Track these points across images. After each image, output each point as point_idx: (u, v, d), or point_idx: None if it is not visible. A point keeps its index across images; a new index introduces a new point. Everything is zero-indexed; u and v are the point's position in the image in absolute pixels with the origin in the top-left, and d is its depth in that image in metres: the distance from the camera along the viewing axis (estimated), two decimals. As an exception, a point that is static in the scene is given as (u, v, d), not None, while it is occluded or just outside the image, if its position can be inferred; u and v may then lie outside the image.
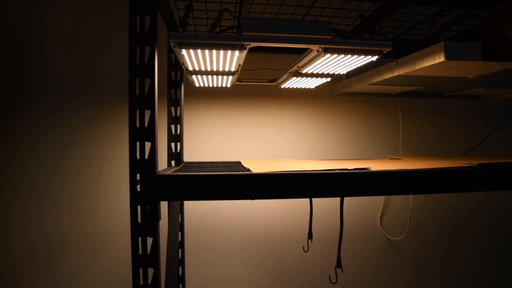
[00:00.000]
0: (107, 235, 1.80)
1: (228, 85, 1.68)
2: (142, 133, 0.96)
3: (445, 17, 1.42)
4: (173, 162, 1.61)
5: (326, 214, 1.97)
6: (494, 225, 2.17)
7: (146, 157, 0.96)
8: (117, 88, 1.82)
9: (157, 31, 0.98)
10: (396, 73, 1.31)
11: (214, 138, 1.90)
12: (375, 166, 1.22)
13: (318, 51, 1.10)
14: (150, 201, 0.96)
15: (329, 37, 1.05)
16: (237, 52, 1.07)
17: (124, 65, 1.79)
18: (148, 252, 0.97)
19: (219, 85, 1.67)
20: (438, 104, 2.11)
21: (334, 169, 1.10)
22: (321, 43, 1.06)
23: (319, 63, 1.23)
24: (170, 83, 1.59)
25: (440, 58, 1.05)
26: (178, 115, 1.62)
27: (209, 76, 1.47)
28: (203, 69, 1.32)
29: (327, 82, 1.65)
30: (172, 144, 1.61)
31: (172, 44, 1.04)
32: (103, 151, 1.81)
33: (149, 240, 0.97)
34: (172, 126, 1.61)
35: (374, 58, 1.15)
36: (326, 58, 1.16)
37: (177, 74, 1.63)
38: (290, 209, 1.95)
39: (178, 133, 1.62)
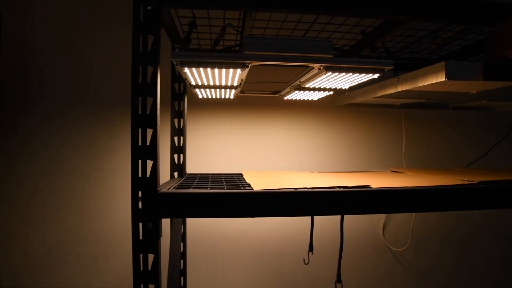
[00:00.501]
0: (106, 242, 1.82)
1: (232, 97, 1.70)
2: (144, 151, 0.97)
3: (448, 32, 1.42)
4: (175, 174, 1.62)
5: (329, 224, 1.97)
6: (500, 234, 2.15)
7: (148, 174, 0.98)
8: (121, 95, 1.84)
9: (159, 50, 1.00)
10: (399, 88, 1.31)
11: (217, 149, 1.92)
12: (377, 181, 1.23)
13: (319, 69, 1.11)
14: (152, 218, 0.97)
15: (330, 56, 1.06)
16: (239, 70, 1.08)
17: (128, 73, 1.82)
18: (149, 268, 0.98)
19: (222, 97, 1.68)
20: (442, 114, 2.10)
21: (334, 187, 1.10)
22: (322, 61, 1.08)
23: (321, 80, 1.24)
24: (173, 95, 1.61)
25: (442, 78, 1.05)
26: (181, 127, 1.63)
27: (212, 90, 1.48)
28: (205, 84, 1.33)
29: (332, 94, 1.66)
30: (175, 156, 1.62)
31: (174, 62, 1.06)
32: (106, 158, 1.83)
33: (150, 257, 0.98)
34: (175, 138, 1.62)
35: (376, 76, 1.16)
36: (328, 76, 1.17)
37: (180, 86, 1.64)
38: (294, 219, 1.95)
39: (181, 144, 1.64)
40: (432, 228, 2.09)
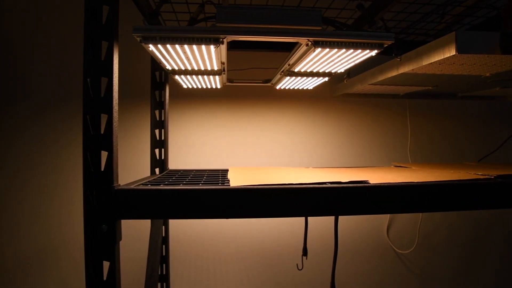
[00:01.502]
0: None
1: (218, 86, 1.55)
2: (98, 141, 0.83)
3: (457, 8, 1.26)
4: (157, 170, 1.48)
5: (327, 224, 1.81)
6: (510, 234, 1.97)
7: (102, 168, 0.83)
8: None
9: (117, 24, 0.85)
10: (401, 70, 1.15)
11: (205, 144, 1.77)
12: (377, 177, 1.07)
13: (307, 45, 0.96)
14: (107, 219, 0.83)
15: (319, 28, 0.91)
16: (212, 47, 0.93)
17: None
18: (105, 278, 0.83)
19: (208, 86, 1.53)
20: (450, 105, 1.93)
21: (325, 183, 0.95)
22: (309, 35, 0.92)
23: (311, 60, 1.08)
24: (153, 85, 1.47)
25: (451, 52, 0.89)
26: (162, 119, 1.49)
27: (193, 77, 1.33)
28: (182, 68, 1.18)
29: (328, 82, 1.51)
30: (156, 150, 1.48)
31: (137, 39, 0.91)
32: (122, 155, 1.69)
33: (106, 264, 0.84)
34: (156, 131, 1.48)
35: (374, 52, 0.99)
36: (318, 54, 1.01)
37: (161, 74, 1.50)
38: (289, 219, 1.80)
39: (162, 138, 1.49)
40: (440, 228, 1.91)
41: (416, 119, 1.89)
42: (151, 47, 0.93)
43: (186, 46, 0.92)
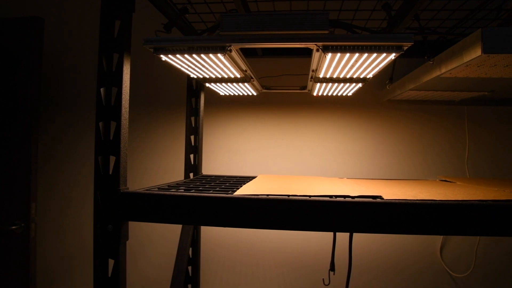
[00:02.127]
0: (135, 242, 1.80)
1: (253, 93, 1.55)
2: (107, 146, 0.89)
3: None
4: (191, 175, 1.53)
5: (360, 239, 1.69)
6: None
7: (111, 172, 0.89)
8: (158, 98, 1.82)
9: (129, 37, 0.91)
10: (434, 74, 1.03)
11: (245, 150, 1.78)
12: (402, 192, 0.97)
13: (318, 50, 0.91)
14: (112, 220, 0.88)
15: (326, 32, 0.86)
16: (220, 56, 0.94)
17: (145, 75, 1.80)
18: (109, 275, 0.89)
19: (244, 93, 1.55)
20: (522, 113, 1.67)
21: (331, 196, 0.89)
22: (317, 40, 0.88)
23: (329, 65, 1.03)
24: (189, 92, 1.53)
25: (476, 52, 0.78)
26: (197, 125, 1.54)
27: (225, 84, 1.35)
28: (206, 76, 1.21)
29: (375, 88, 1.42)
30: (191, 156, 1.53)
31: (150, 50, 0.96)
32: (159, 158, 1.82)
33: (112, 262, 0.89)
34: (192, 137, 1.54)
35: (392, 55, 0.91)
36: (332, 59, 0.95)
37: (197, 82, 1.55)
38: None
39: (197, 144, 1.54)
40: (502, 247, 1.66)
41: (477, 128, 1.67)
42: (163, 57, 0.97)
43: (195, 55, 0.95)
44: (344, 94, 1.52)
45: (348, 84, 1.30)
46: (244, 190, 0.96)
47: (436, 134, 1.70)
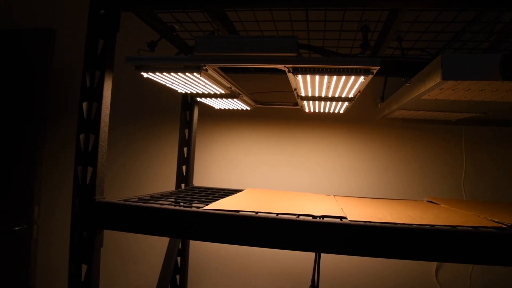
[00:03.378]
0: (138, 247, 1.85)
1: (247, 108, 1.59)
2: (86, 158, 0.95)
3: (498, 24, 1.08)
4: (183, 185, 1.58)
5: (352, 260, 1.68)
6: None
7: (88, 182, 0.94)
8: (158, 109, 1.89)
9: (111, 55, 0.97)
10: (412, 95, 1.04)
11: (242, 164, 1.81)
12: (372, 213, 0.98)
13: (289, 71, 0.94)
14: (87, 227, 0.93)
15: (294, 54, 0.89)
16: (195, 75, 0.98)
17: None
18: (82, 279, 0.93)
19: (237, 108, 1.59)
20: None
21: (297, 215, 0.91)
22: (286, 62, 0.91)
23: (303, 85, 1.06)
24: (184, 105, 1.58)
25: (436, 79, 0.78)
26: (190, 137, 1.59)
27: (213, 99, 1.40)
28: (189, 91, 1.26)
29: (370, 105, 1.43)
30: (183, 167, 1.58)
31: (133, 67, 1.01)
32: (154, 169, 1.88)
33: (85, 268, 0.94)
34: (185, 149, 1.59)
35: (361, 78, 0.93)
36: (303, 80, 0.98)
37: (192, 97, 1.61)
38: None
39: (189, 156, 1.59)
40: (499, 272, 1.60)
41: (474, 149, 1.63)
42: (145, 74, 1.02)
43: (173, 74, 1.00)
44: (335, 111, 1.54)
45: (334, 102, 1.32)
46: (217, 205, 0.99)
47: (433, 154, 1.68)
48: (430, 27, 1.14)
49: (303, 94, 1.20)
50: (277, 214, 0.92)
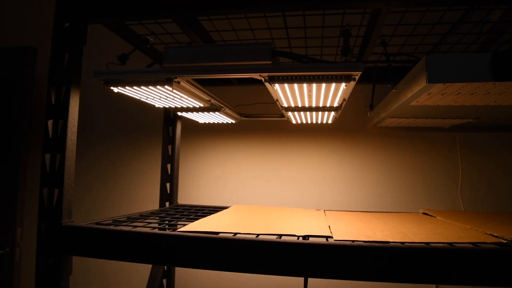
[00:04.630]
0: (120, 269, 1.77)
1: (231, 121, 1.53)
2: (52, 178, 0.88)
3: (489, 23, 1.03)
4: (167, 204, 1.51)
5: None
6: None
7: (54, 204, 0.88)
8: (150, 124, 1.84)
9: (78, 69, 0.92)
10: (399, 102, 0.98)
11: (229, 179, 1.75)
12: (359, 231, 0.91)
13: (265, 80, 0.89)
14: (53, 253, 0.86)
15: (268, 62, 0.84)
16: (167, 88, 0.93)
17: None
18: (50, 312, 0.86)
19: (219, 122, 1.53)
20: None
21: (280, 235, 0.84)
22: (261, 70, 0.85)
23: (285, 95, 1.00)
24: (166, 121, 1.53)
25: (422, 83, 0.73)
26: (173, 154, 1.53)
27: (195, 113, 1.35)
28: (167, 105, 1.21)
29: (361, 114, 1.37)
30: (167, 185, 1.52)
31: (101, 82, 0.96)
32: (137, 187, 1.81)
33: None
34: (168, 166, 1.52)
35: (342, 85, 0.87)
36: (282, 89, 0.93)
37: (174, 111, 1.55)
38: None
39: (173, 172, 1.52)
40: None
41: (470, 156, 1.57)
42: (115, 89, 0.97)
43: (143, 87, 0.94)
44: (324, 122, 1.48)
45: (320, 112, 1.26)
46: (194, 226, 0.92)
47: (428, 162, 1.61)
48: (415, 30, 1.09)
49: (285, 104, 1.14)
50: (257, 235, 0.85)
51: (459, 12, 0.99)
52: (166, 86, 0.92)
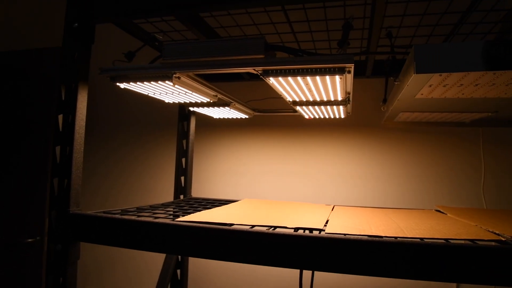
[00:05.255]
0: (149, 257, 1.85)
1: (243, 116, 1.55)
2: (61, 169, 0.94)
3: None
4: (181, 196, 1.56)
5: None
6: None
7: (62, 193, 0.94)
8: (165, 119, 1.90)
9: (86, 67, 0.97)
10: (399, 94, 0.95)
11: (243, 173, 1.77)
12: (366, 224, 0.90)
13: (260, 75, 0.90)
14: (62, 240, 0.92)
15: (262, 56, 0.84)
16: (168, 83, 0.96)
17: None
18: (61, 293, 0.92)
19: (232, 117, 1.56)
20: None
21: (274, 227, 0.85)
22: (256, 65, 0.86)
23: (284, 89, 1.00)
24: (181, 116, 1.57)
25: (411, 73, 0.71)
26: (187, 148, 1.57)
27: (205, 108, 1.38)
28: (176, 100, 1.24)
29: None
30: (182, 178, 1.56)
31: (108, 79, 1.01)
32: (154, 180, 1.89)
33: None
34: (183, 160, 1.57)
35: (337, 78, 0.86)
36: (279, 83, 0.93)
37: (188, 107, 1.59)
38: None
39: (187, 166, 1.57)
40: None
41: (493, 152, 1.48)
42: (121, 85, 1.01)
43: (146, 83, 0.98)
44: (336, 117, 1.46)
45: (328, 106, 1.24)
46: (194, 217, 0.95)
47: (449, 158, 1.54)
48: (424, 21, 1.05)
49: (289, 99, 1.14)
50: (252, 226, 0.87)
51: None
52: (167, 82, 0.95)
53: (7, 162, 1.86)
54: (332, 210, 1.20)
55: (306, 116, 1.51)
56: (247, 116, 1.56)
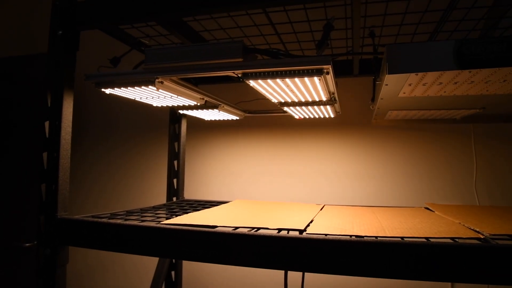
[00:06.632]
0: (142, 260, 1.87)
1: (234, 118, 1.56)
2: (48, 175, 0.96)
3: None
4: (174, 199, 1.57)
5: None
6: None
7: (50, 198, 0.96)
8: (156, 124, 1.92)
9: (71, 74, 0.99)
10: (380, 93, 0.96)
11: (237, 174, 1.78)
12: (348, 224, 0.91)
13: (239, 78, 0.91)
14: (50, 244, 0.94)
15: (240, 59, 0.85)
16: (151, 87, 0.97)
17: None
18: (51, 297, 0.94)
19: (222, 119, 1.57)
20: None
21: (258, 228, 0.86)
22: (233, 68, 0.87)
23: (266, 91, 1.01)
24: (171, 118, 1.58)
25: (385, 73, 0.71)
26: (179, 150, 1.58)
27: (194, 111, 1.39)
28: (164, 104, 1.26)
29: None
30: (174, 180, 1.58)
31: (93, 85, 1.02)
32: (147, 183, 1.90)
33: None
34: (175, 162, 1.58)
35: (315, 79, 0.87)
36: (259, 85, 0.94)
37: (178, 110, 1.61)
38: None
39: (179, 169, 1.58)
40: None
41: (485, 148, 1.48)
42: (106, 90, 1.03)
43: (130, 88, 0.99)
44: (326, 116, 1.46)
45: (315, 106, 1.25)
46: (179, 219, 0.97)
47: (441, 155, 1.54)
48: (407, 19, 1.05)
49: (274, 100, 1.15)
50: (235, 228, 0.88)
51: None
52: (150, 86, 0.96)
53: (5, 167, 1.89)
54: (321, 209, 1.21)
55: (296, 116, 1.52)
56: (238, 118, 1.57)
